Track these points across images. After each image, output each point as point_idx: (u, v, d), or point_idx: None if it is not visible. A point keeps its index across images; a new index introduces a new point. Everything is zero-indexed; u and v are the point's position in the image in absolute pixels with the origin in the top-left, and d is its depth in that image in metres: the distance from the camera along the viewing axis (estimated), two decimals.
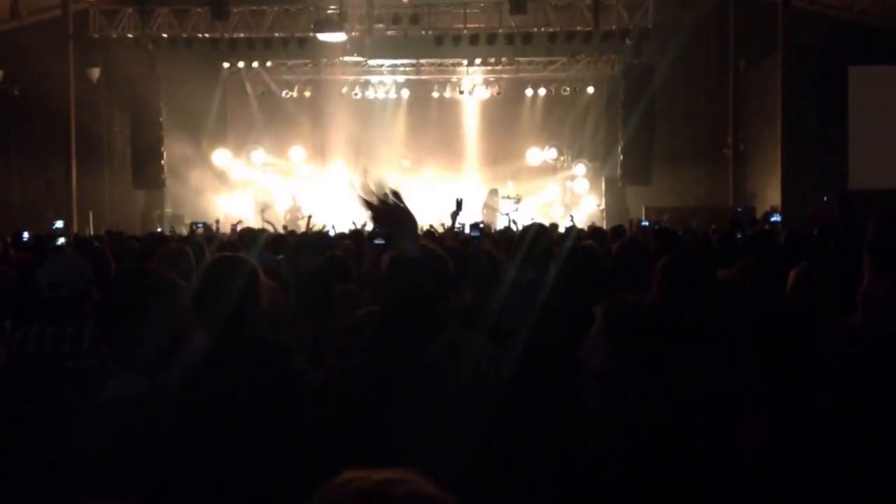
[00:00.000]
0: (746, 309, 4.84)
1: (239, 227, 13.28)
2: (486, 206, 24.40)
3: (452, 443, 2.57)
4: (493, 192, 25.16)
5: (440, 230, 13.18)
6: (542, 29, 23.59)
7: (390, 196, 3.10)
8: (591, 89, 26.65)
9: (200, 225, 18.93)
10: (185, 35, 23.88)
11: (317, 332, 4.73)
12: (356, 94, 27.07)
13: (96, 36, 24.08)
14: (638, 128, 24.00)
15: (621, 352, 2.41)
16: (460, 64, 26.60)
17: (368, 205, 3.07)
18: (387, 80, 27.19)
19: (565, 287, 4.77)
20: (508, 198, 24.96)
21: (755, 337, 2.71)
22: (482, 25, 23.80)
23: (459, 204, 7.69)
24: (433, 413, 2.74)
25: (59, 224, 14.03)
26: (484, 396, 2.84)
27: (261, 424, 2.92)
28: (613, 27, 23.66)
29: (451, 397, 2.80)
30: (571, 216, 12.59)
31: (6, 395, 3.03)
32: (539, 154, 27.12)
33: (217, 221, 19.55)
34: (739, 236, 10.01)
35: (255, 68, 26.31)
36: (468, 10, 23.74)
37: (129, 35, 24.09)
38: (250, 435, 2.83)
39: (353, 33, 23.61)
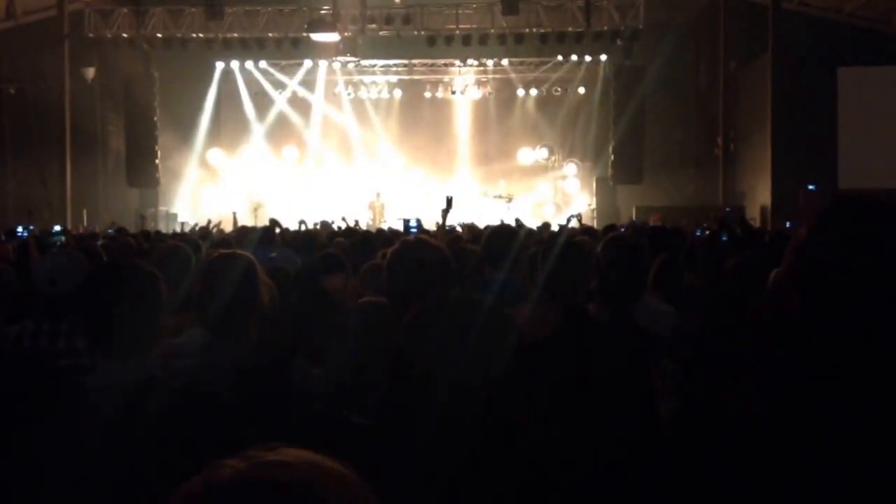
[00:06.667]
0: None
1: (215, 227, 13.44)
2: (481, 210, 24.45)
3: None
4: (487, 195, 25.29)
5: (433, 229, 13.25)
6: (534, 29, 23.71)
7: None
8: (582, 89, 26.72)
9: (195, 224, 19.02)
10: (179, 35, 24.01)
11: (312, 328, 4.83)
12: (349, 94, 27.18)
13: (91, 36, 24.18)
14: (629, 128, 24.12)
15: None
16: (452, 64, 26.70)
17: None
18: (379, 80, 27.27)
19: (557, 284, 4.85)
20: (500, 197, 25.07)
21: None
22: (474, 26, 23.93)
23: (450, 202, 7.78)
24: None
25: (58, 228, 14.10)
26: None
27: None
28: (605, 28, 23.81)
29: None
30: (571, 216, 12.72)
31: (2, 392, 3.10)
32: (530, 154, 27.21)
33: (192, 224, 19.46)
34: (724, 238, 10.03)
35: (248, 68, 26.42)
36: (460, 11, 23.86)
37: (124, 35, 24.19)
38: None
39: (346, 33, 23.73)
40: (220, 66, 26.43)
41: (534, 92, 26.88)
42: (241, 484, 1.10)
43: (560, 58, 25.78)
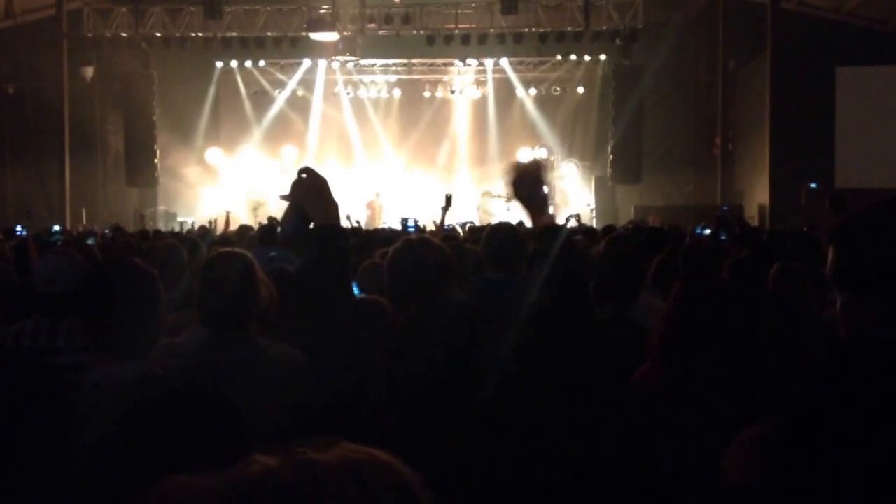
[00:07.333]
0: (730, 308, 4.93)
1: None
2: (480, 209, 24.49)
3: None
4: (487, 195, 25.26)
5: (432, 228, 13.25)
6: (533, 29, 23.73)
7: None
8: (581, 89, 26.74)
9: (192, 222, 19.05)
10: (178, 34, 24.00)
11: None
12: (348, 94, 27.17)
13: (90, 35, 24.15)
14: (628, 127, 24.14)
15: None
16: (452, 64, 26.69)
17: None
18: (379, 80, 27.27)
19: (554, 284, 4.85)
20: (499, 196, 25.04)
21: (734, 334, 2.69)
22: (473, 25, 23.94)
23: (448, 200, 7.78)
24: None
25: (57, 228, 14.16)
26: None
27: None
28: (604, 27, 23.81)
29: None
30: (570, 216, 12.70)
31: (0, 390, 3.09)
32: (529, 153, 27.15)
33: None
34: (723, 237, 10.04)
35: (247, 67, 26.40)
36: (459, 11, 23.88)
37: (123, 34, 24.15)
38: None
39: (346, 33, 23.74)
40: (219, 65, 26.39)
41: (533, 92, 26.87)
42: (263, 484, 1.05)
43: (559, 57, 25.76)
